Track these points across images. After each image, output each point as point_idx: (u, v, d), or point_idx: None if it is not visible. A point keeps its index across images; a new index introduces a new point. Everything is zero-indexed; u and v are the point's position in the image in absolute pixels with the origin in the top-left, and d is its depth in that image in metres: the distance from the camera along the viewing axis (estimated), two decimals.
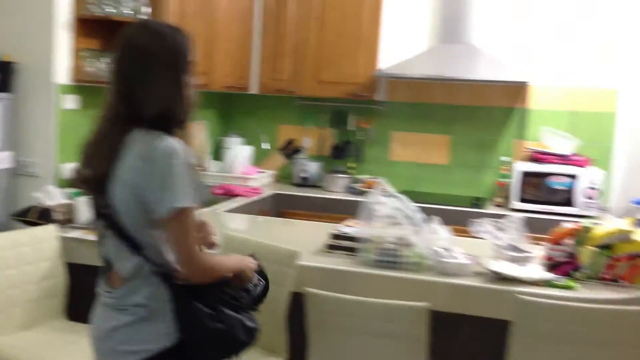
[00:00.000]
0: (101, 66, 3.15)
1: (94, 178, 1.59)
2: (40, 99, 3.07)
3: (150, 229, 1.58)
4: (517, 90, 4.24)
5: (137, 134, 1.55)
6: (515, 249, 2.47)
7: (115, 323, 1.61)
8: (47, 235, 2.59)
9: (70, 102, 3.16)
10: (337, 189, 4.27)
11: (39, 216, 2.67)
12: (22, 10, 3.05)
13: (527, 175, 3.88)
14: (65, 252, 2.62)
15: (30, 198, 2.89)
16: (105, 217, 1.60)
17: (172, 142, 1.54)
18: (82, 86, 3.18)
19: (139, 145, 1.53)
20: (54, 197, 2.81)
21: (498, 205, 4.00)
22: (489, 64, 3.99)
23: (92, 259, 1.87)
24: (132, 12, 3.20)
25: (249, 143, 4.55)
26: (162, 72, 1.58)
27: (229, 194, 3.83)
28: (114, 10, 3.14)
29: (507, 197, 4.02)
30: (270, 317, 2.28)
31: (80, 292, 2.44)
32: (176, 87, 1.60)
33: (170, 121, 1.59)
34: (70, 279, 2.61)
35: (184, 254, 1.54)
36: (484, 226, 2.52)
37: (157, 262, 1.59)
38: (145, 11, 3.24)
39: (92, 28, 3.20)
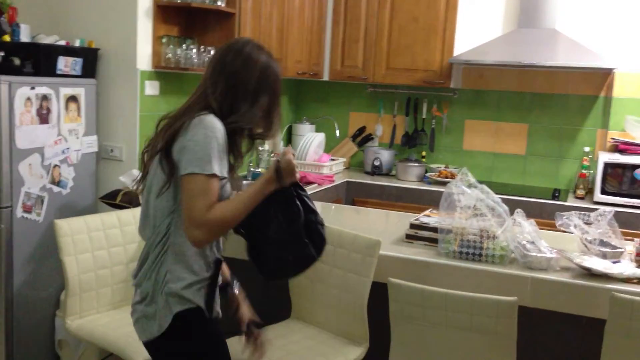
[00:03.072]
0: (180, 53, 3.20)
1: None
2: (123, 84, 3.14)
3: None
4: (600, 77, 4.06)
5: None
6: (606, 244, 2.37)
7: None
8: (134, 218, 2.66)
9: (151, 88, 3.22)
10: (409, 178, 4.21)
11: (125, 199, 2.75)
12: None
13: (610, 166, 3.72)
14: None
15: (115, 181, 2.98)
16: None
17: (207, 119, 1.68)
18: (162, 72, 3.24)
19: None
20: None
21: (579, 198, 3.85)
22: (571, 49, 3.83)
23: None
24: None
25: (320, 130, 4.55)
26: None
27: (302, 182, 3.81)
28: None
29: (589, 189, 3.87)
30: (351, 307, 2.28)
31: None
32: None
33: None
34: None
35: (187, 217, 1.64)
36: (571, 219, 2.43)
37: None
38: None
39: (172, 15, 3.25)
